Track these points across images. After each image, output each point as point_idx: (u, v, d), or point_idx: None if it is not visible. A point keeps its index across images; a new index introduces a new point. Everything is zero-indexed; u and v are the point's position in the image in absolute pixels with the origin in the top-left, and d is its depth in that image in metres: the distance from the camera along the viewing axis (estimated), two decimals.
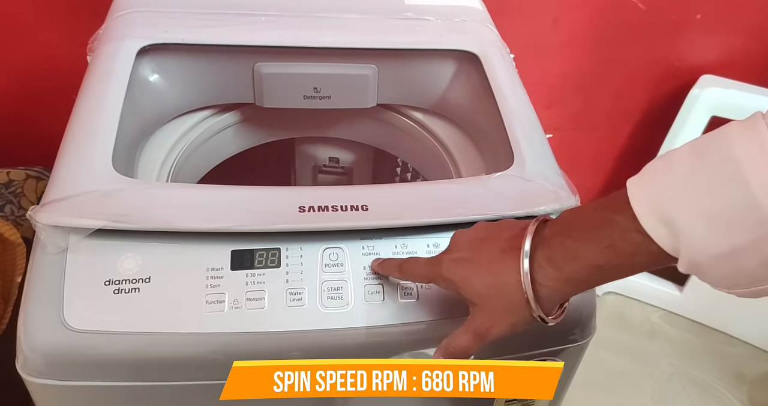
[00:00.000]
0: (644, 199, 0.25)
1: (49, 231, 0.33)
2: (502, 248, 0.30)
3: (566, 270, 0.28)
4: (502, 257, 0.30)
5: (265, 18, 0.50)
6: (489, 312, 0.30)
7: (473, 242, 0.32)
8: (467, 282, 0.31)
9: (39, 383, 0.33)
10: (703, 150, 0.24)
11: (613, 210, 0.26)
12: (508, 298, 0.29)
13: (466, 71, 0.52)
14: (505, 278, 0.29)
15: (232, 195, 0.37)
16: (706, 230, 0.23)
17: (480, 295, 0.30)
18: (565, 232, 0.28)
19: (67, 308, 0.32)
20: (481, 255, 0.31)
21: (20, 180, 0.69)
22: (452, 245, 0.33)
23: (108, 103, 0.41)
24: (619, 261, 0.26)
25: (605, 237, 0.26)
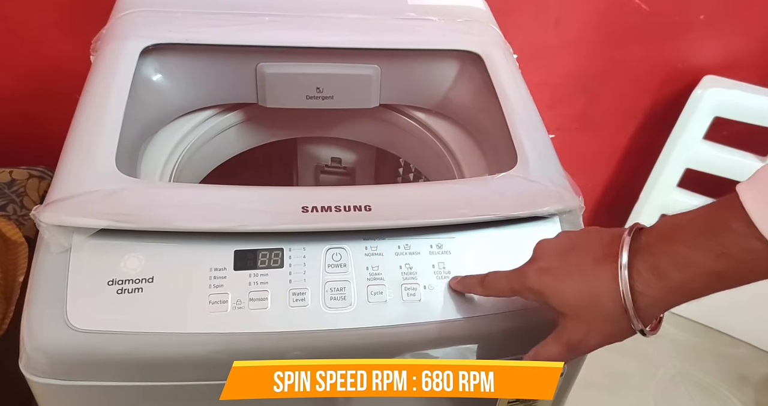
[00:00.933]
0: (759, 203, 0.24)
1: (53, 231, 0.33)
2: (595, 257, 0.29)
3: (675, 278, 0.27)
4: (597, 266, 0.29)
5: (268, 18, 0.50)
6: (582, 323, 0.29)
7: (562, 252, 0.31)
8: (558, 292, 0.30)
9: (42, 383, 0.33)
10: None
11: (726, 216, 0.25)
12: (604, 308, 0.28)
13: (469, 71, 0.52)
14: (600, 287, 0.28)
15: (235, 195, 0.37)
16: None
17: (572, 305, 0.29)
18: (671, 238, 0.27)
19: (71, 307, 0.32)
20: (571, 264, 0.30)
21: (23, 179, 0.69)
22: (537, 254, 0.32)
23: (111, 103, 0.41)
24: (738, 268, 0.26)
25: (719, 244, 0.25)
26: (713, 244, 0.26)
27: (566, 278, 0.30)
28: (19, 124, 0.82)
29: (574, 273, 0.29)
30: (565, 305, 0.30)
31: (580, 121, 0.95)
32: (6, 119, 0.81)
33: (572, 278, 0.29)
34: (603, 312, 0.29)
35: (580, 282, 0.29)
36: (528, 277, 0.31)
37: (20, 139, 0.83)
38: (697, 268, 0.26)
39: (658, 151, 0.91)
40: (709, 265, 0.26)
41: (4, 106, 0.80)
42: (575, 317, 0.30)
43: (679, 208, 0.98)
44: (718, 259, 0.26)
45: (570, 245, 0.31)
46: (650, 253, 0.28)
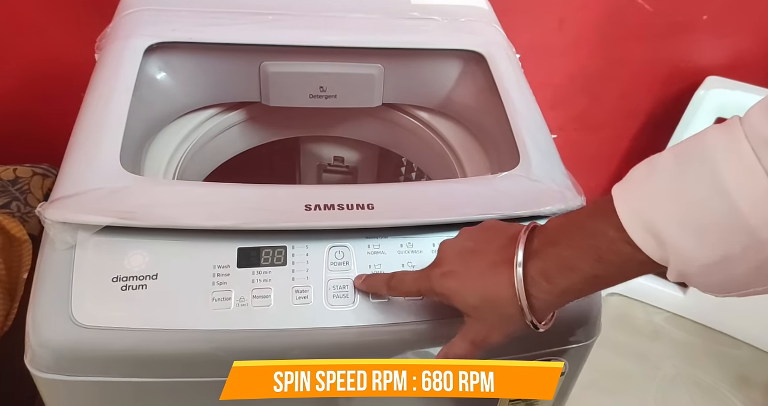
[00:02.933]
0: (629, 208, 0.24)
1: (58, 228, 0.34)
2: (493, 261, 0.30)
3: (561, 282, 0.28)
4: (494, 270, 0.30)
5: (271, 17, 0.50)
6: (484, 323, 0.31)
7: (463, 254, 0.31)
8: (460, 296, 0.31)
9: (47, 378, 0.33)
10: (684, 158, 0.23)
11: (601, 219, 0.26)
12: (502, 310, 0.30)
13: (472, 71, 0.52)
14: (498, 290, 0.29)
15: (238, 193, 0.37)
16: (695, 241, 0.23)
17: (474, 307, 0.31)
18: (556, 242, 0.28)
19: (75, 304, 0.33)
20: (471, 268, 0.31)
21: (27, 177, 0.69)
22: (440, 257, 0.33)
23: (115, 101, 0.41)
24: (613, 270, 0.26)
25: (595, 248, 0.26)
26: (591, 249, 0.26)
27: (467, 281, 0.30)
28: (24, 122, 0.82)
29: (474, 277, 0.30)
30: (468, 307, 0.31)
31: (582, 121, 0.95)
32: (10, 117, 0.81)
33: (472, 282, 0.30)
34: (502, 313, 0.30)
35: (481, 286, 0.30)
36: (432, 280, 0.32)
37: (24, 137, 0.83)
38: (579, 273, 0.27)
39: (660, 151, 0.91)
40: (589, 269, 0.27)
41: (9, 104, 0.81)
42: (477, 317, 0.31)
43: None
44: (595, 263, 0.26)
45: (471, 247, 0.32)
46: (540, 257, 0.29)
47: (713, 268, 0.23)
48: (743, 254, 0.22)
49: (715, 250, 0.22)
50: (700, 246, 0.23)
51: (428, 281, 0.32)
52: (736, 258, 0.22)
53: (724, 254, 0.22)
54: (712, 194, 0.22)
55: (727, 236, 0.22)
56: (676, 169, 0.23)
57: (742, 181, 0.21)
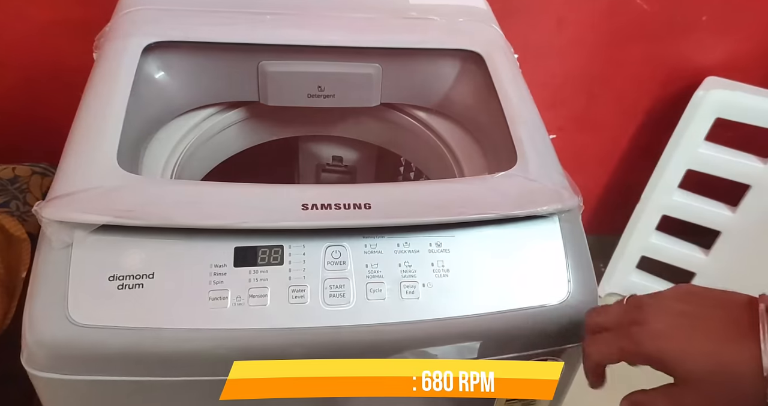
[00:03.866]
0: None
1: (55, 226, 0.34)
2: (726, 331, 0.28)
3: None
4: (731, 341, 0.28)
5: (270, 16, 0.50)
6: (704, 396, 0.28)
7: (680, 316, 0.29)
8: (680, 361, 0.28)
9: (43, 377, 0.33)
10: None
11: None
12: (736, 389, 0.27)
13: (470, 71, 0.52)
14: (736, 365, 0.27)
15: (235, 192, 0.37)
16: None
17: (698, 377, 0.28)
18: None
19: (72, 302, 0.33)
20: (696, 334, 0.28)
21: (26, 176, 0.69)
22: (647, 314, 0.30)
23: (113, 100, 0.41)
24: None
25: None
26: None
27: (692, 346, 0.28)
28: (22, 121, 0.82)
29: (702, 344, 0.28)
30: (689, 375, 0.28)
31: (581, 121, 0.95)
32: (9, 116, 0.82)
33: (699, 349, 0.28)
34: (734, 393, 0.28)
35: (709, 355, 0.28)
36: (644, 343, 0.29)
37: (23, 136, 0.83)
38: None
39: (659, 151, 0.91)
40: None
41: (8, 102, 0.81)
42: (697, 388, 0.28)
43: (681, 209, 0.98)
44: None
45: (687, 311, 0.29)
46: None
47: None
48: None
49: None
50: None
51: (634, 343, 0.29)
52: None
53: None
54: None
55: None
56: None
57: None
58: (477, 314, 0.36)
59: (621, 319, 0.31)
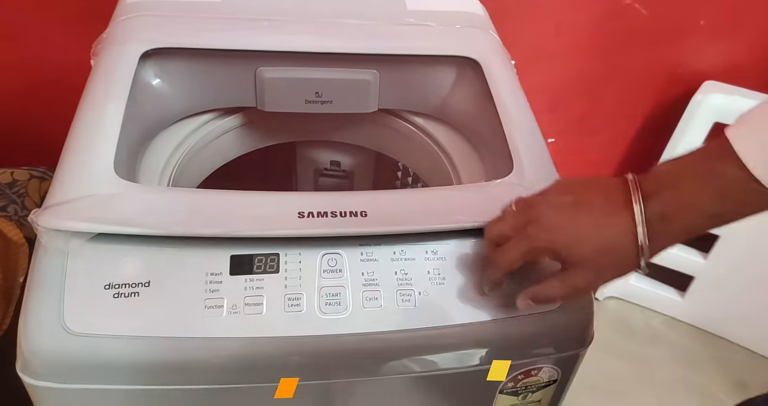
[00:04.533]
0: (755, 150, 0.26)
1: (51, 234, 0.34)
2: (603, 211, 0.31)
3: (682, 223, 0.29)
4: (609, 219, 0.30)
5: (267, 23, 0.50)
6: (593, 270, 0.32)
7: (564, 208, 0.32)
8: (571, 247, 0.31)
9: (38, 386, 0.33)
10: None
11: (719, 161, 0.27)
12: (618, 256, 0.30)
13: (467, 77, 0.52)
14: (615, 239, 0.30)
15: (231, 200, 0.37)
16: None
17: (586, 257, 0.31)
18: (673, 185, 0.29)
19: (68, 311, 0.33)
20: (580, 220, 0.31)
21: (24, 180, 0.69)
22: (536, 212, 0.32)
23: (110, 107, 0.41)
24: (734, 208, 0.28)
25: (719, 188, 0.28)
26: (714, 189, 0.28)
27: (579, 233, 0.31)
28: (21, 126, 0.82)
29: (586, 228, 0.31)
30: (579, 258, 0.31)
31: (580, 125, 0.95)
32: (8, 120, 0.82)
33: (585, 233, 0.31)
34: (616, 260, 0.31)
35: (594, 236, 0.31)
36: (538, 237, 0.32)
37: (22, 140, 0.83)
38: (702, 212, 0.29)
39: (657, 155, 0.91)
40: (712, 208, 0.28)
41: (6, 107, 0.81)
42: (587, 266, 0.31)
43: None
44: (720, 201, 0.28)
45: (570, 201, 0.32)
46: (656, 202, 0.29)
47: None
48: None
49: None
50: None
51: (530, 241, 0.32)
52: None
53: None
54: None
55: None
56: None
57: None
58: (473, 322, 0.36)
59: (517, 223, 0.33)
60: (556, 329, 0.38)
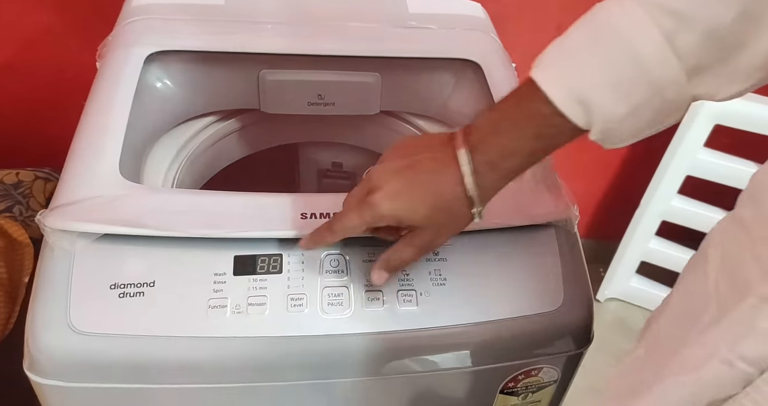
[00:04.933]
0: (559, 86, 0.28)
1: (57, 235, 0.34)
2: (433, 168, 0.31)
3: (505, 167, 0.30)
4: (439, 176, 0.31)
5: (270, 26, 0.51)
6: (434, 229, 0.32)
7: (399, 172, 0.32)
8: (410, 211, 0.31)
9: (44, 384, 0.34)
10: (591, 28, 0.28)
11: (531, 102, 0.29)
12: (453, 211, 0.31)
13: (468, 79, 0.52)
14: (447, 193, 0.31)
15: (235, 201, 0.37)
16: (613, 97, 0.27)
17: (426, 217, 0.32)
18: (495, 132, 0.30)
19: (74, 310, 0.33)
20: (414, 181, 0.31)
21: (29, 181, 0.70)
22: (376, 180, 0.32)
23: (116, 109, 0.42)
24: (546, 144, 0.30)
25: (533, 127, 0.29)
26: (529, 130, 0.29)
27: (414, 195, 0.31)
28: (26, 127, 0.83)
29: (421, 188, 0.31)
30: (420, 220, 0.32)
31: None
32: (13, 122, 0.82)
33: (421, 195, 0.31)
34: (452, 214, 0.32)
35: (429, 195, 0.31)
36: (379, 206, 0.32)
37: (27, 142, 0.84)
38: (521, 153, 0.30)
39: (658, 157, 0.91)
40: (528, 148, 0.30)
41: (12, 108, 0.81)
42: (427, 225, 0.32)
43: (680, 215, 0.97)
44: (534, 140, 0.30)
45: (405, 164, 0.32)
46: (481, 151, 0.30)
47: (628, 118, 0.27)
48: (648, 102, 0.27)
49: (629, 102, 0.27)
50: (617, 102, 0.27)
51: (373, 209, 0.32)
52: (643, 106, 0.27)
53: (636, 104, 0.27)
54: (625, 58, 0.26)
55: (638, 89, 0.27)
56: (588, 42, 0.27)
57: (644, 40, 0.26)
58: (474, 323, 0.37)
59: (360, 192, 0.33)
60: (557, 329, 0.38)
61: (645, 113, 0.27)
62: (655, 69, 0.26)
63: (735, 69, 0.26)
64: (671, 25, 0.25)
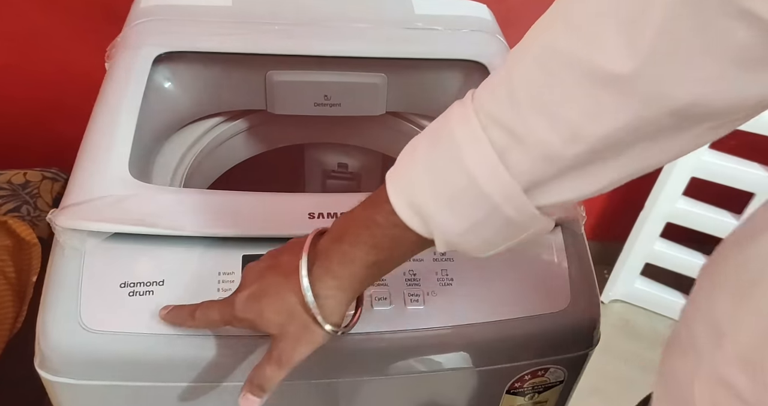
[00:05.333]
0: (397, 192, 0.26)
1: (68, 234, 0.35)
2: (285, 272, 0.29)
3: (343, 275, 0.28)
4: (286, 281, 0.29)
5: (277, 27, 0.51)
6: (288, 338, 0.30)
7: (261, 273, 0.31)
8: (262, 317, 0.30)
9: (55, 382, 0.34)
10: (435, 135, 0.25)
11: (375, 208, 0.27)
12: (300, 319, 0.29)
13: (475, 80, 0.53)
14: (292, 300, 0.29)
15: (244, 201, 0.38)
16: (449, 212, 0.25)
17: (276, 324, 0.30)
18: (339, 238, 0.29)
19: (84, 309, 0.33)
20: (268, 285, 0.30)
21: (36, 181, 0.70)
22: (243, 280, 0.31)
23: (125, 109, 0.42)
24: (388, 255, 0.28)
25: (370, 236, 0.27)
26: (366, 237, 0.27)
27: (266, 300, 0.30)
28: (34, 127, 0.84)
29: (272, 293, 0.29)
30: (272, 326, 0.30)
31: None
32: (21, 121, 0.83)
33: (271, 299, 0.29)
34: (300, 323, 0.29)
35: (277, 300, 0.29)
36: (235, 306, 0.30)
37: (35, 142, 0.84)
38: (358, 262, 0.28)
39: None
40: (366, 257, 0.28)
41: (20, 108, 0.82)
42: (281, 334, 0.30)
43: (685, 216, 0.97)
44: (371, 250, 0.27)
45: (268, 264, 0.31)
46: (324, 256, 0.29)
47: (469, 234, 0.25)
48: (487, 219, 0.24)
49: (466, 218, 0.25)
50: (453, 216, 0.25)
51: (231, 308, 0.30)
52: (483, 223, 0.25)
53: (474, 220, 0.25)
54: (456, 167, 0.24)
55: (473, 205, 0.24)
56: (429, 147, 0.25)
57: (475, 154, 0.23)
58: (481, 323, 0.37)
59: (239, 287, 0.32)
60: (564, 329, 0.38)
61: (487, 230, 0.25)
62: (486, 185, 0.23)
63: (584, 177, 0.23)
64: (503, 141, 0.23)
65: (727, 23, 0.18)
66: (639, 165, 0.23)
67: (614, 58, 0.20)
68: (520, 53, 0.24)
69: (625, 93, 0.20)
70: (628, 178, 0.24)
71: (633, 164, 0.23)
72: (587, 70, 0.21)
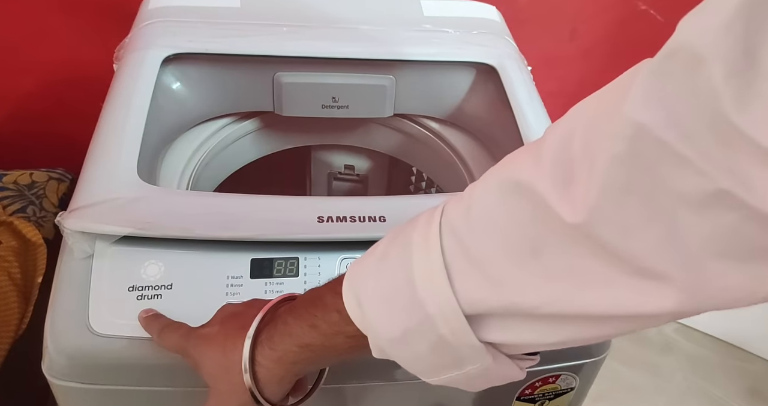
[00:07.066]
0: (350, 278, 0.25)
1: (77, 237, 0.34)
2: (242, 325, 0.28)
3: (279, 348, 0.27)
4: (237, 335, 0.28)
5: (286, 29, 0.51)
6: (217, 394, 0.28)
7: (226, 317, 0.30)
8: (203, 361, 0.28)
9: (63, 385, 0.34)
10: (400, 230, 0.24)
11: (330, 288, 0.26)
12: (233, 378, 0.27)
13: (484, 83, 0.52)
14: (233, 356, 0.27)
15: (252, 204, 0.37)
16: (384, 310, 0.23)
17: (210, 375, 0.28)
18: (292, 308, 0.27)
19: (93, 312, 0.33)
20: (222, 332, 0.28)
21: (42, 182, 0.70)
22: (212, 317, 0.30)
23: (133, 111, 0.42)
24: (323, 340, 0.26)
25: (311, 315, 0.26)
26: (309, 315, 0.26)
27: (213, 346, 0.28)
28: (40, 127, 0.84)
29: (219, 343, 0.28)
30: (207, 376, 0.28)
31: None
32: (27, 122, 0.83)
33: (217, 347, 0.28)
34: (233, 383, 0.27)
35: (221, 352, 0.28)
36: (189, 341, 0.29)
37: (41, 143, 0.84)
38: (294, 338, 0.26)
39: None
40: (302, 335, 0.26)
41: (27, 109, 0.82)
42: (213, 388, 0.28)
43: None
44: (309, 330, 0.26)
45: (238, 310, 0.30)
46: (273, 323, 0.27)
47: (401, 344, 0.23)
48: (419, 329, 0.22)
49: (399, 323, 0.23)
50: (387, 317, 0.23)
51: (186, 341, 0.29)
52: (415, 334, 0.23)
53: (405, 328, 0.23)
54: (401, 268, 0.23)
55: (406, 309, 0.23)
56: (387, 243, 0.25)
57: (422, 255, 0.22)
58: None
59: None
60: None
61: (420, 345, 0.23)
62: (421, 289, 0.22)
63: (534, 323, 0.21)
64: (453, 250, 0.21)
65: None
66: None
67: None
68: (491, 173, 0.23)
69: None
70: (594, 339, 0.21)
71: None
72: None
